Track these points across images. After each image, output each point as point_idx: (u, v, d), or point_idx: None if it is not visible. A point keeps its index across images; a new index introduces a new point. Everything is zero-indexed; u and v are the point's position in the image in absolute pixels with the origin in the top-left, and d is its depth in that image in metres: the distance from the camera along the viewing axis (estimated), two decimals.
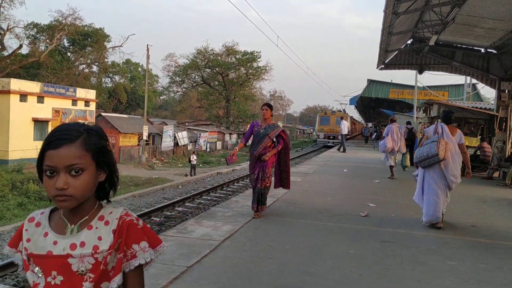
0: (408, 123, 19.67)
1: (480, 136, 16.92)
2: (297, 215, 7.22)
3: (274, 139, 6.93)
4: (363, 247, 5.52)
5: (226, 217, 6.93)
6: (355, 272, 4.54)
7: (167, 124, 43.61)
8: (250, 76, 61.26)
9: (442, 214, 6.75)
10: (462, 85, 32.75)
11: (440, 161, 6.53)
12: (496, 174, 15.18)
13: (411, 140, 17.47)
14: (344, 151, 24.06)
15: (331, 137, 37.13)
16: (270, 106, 7.11)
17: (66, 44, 49.70)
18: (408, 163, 14.17)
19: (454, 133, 6.83)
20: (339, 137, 25.52)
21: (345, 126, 23.70)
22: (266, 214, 7.05)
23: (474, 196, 10.39)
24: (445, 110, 7.91)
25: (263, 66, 61.28)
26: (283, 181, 7.40)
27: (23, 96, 26.74)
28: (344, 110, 48.38)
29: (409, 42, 17.15)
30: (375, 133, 33.39)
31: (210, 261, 4.76)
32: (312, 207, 8.01)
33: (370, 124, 57.73)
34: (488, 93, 46.07)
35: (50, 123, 28.69)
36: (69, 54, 50.07)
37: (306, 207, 8.00)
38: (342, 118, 25.27)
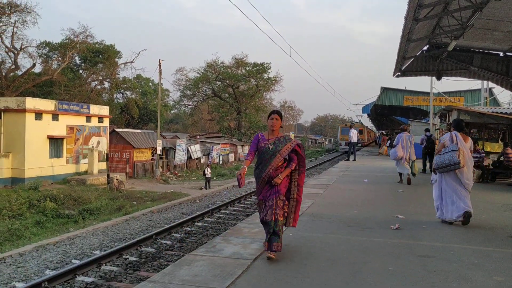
0: (427, 130, 19.32)
1: (503, 142, 16.54)
2: (326, 230, 6.98)
3: (287, 157, 5.47)
4: (402, 263, 5.27)
5: (253, 233, 6.73)
6: None
7: (179, 138, 43.68)
8: (261, 88, 61.30)
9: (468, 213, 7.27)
10: (478, 90, 32.32)
11: (460, 168, 7.13)
12: None
13: (430, 148, 17.15)
14: (354, 159, 23.80)
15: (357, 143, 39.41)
16: (280, 115, 5.58)
17: (78, 62, 50.28)
18: (416, 170, 14.31)
19: (466, 141, 7.35)
20: (349, 145, 25.29)
21: (354, 135, 23.41)
22: (293, 229, 6.80)
23: (503, 204, 10.07)
24: (456, 119, 8.14)
25: (273, 77, 61.35)
26: (288, 215, 5.56)
27: (38, 114, 26.93)
28: (360, 121, 56.44)
29: (425, 48, 16.93)
30: (389, 141, 34.03)
31: (244, 282, 4.56)
32: (340, 220, 7.77)
33: (383, 132, 57.36)
34: (502, 97, 45.45)
35: (65, 140, 28.83)
36: (81, 71, 50.59)
37: (334, 220, 7.76)
38: (351, 127, 25.07)
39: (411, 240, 6.40)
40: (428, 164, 17.17)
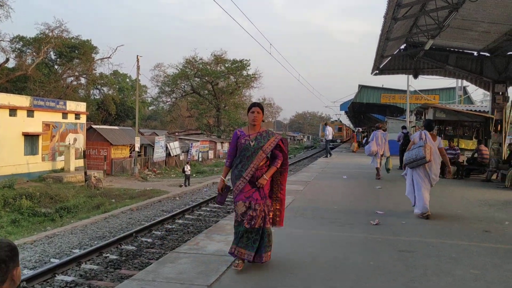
0: (403, 127, 19.71)
1: (476, 139, 16.97)
2: (308, 226, 7.07)
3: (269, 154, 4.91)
4: (383, 258, 5.39)
5: None
6: (381, 286, 4.41)
7: (157, 135, 43.32)
8: (240, 84, 61.24)
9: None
10: (453, 88, 33.03)
11: (427, 163, 7.75)
12: (494, 176, 15.23)
13: (406, 145, 17.46)
14: (329, 155, 24.71)
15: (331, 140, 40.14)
16: (261, 108, 4.99)
17: (53, 57, 49.23)
18: (391, 165, 15.12)
19: (435, 139, 8.05)
20: (324, 141, 26.50)
21: (329, 133, 24.31)
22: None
23: (478, 200, 10.35)
24: (427, 119, 9.46)
25: (252, 74, 61.35)
26: (274, 215, 5.07)
27: (13, 111, 26.33)
28: (340, 120, 59.64)
29: (402, 47, 17.22)
30: (365, 139, 35.97)
31: (228, 279, 4.59)
32: (321, 216, 7.88)
33: (360, 129, 58.18)
34: (476, 96, 46.53)
35: (40, 137, 28.29)
36: (56, 66, 49.57)
37: (315, 217, 7.86)
38: (326, 125, 26.18)
39: (391, 236, 6.53)
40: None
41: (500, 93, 16.44)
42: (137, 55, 34.62)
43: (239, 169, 4.81)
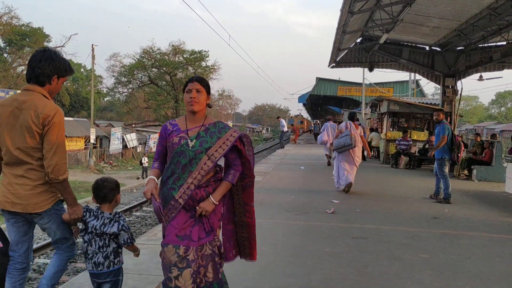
0: (357, 119, 20.43)
1: (428, 130, 17.63)
2: (266, 216, 7.17)
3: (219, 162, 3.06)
4: (338, 244, 5.57)
5: None
6: (336, 271, 4.56)
7: (113, 126, 42.37)
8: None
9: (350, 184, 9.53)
10: (406, 82, 34.09)
11: (352, 148, 9.38)
12: None
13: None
14: (283, 147, 25.35)
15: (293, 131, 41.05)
16: (204, 83, 3.07)
17: (2, 45, 47.09)
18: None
19: (357, 128, 9.69)
20: (280, 133, 27.44)
21: (284, 125, 25.73)
22: None
23: (429, 188, 10.78)
24: (350, 112, 11.36)
25: (211, 65, 60.94)
26: (242, 245, 3.32)
27: None
28: (301, 114, 69.59)
29: (358, 40, 17.60)
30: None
31: None
32: (280, 206, 8.01)
33: (318, 121, 59.19)
34: (427, 89, 48.27)
35: None
36: (5, 55, 47.45)
37: (273, 206, 7.98)
38: (278, 118, 27.57)
39: (346, 223, 6.74)
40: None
41: (450, 86, 17.11)
42: (92, 44, 33.74)
43: (169, 186, 2.99)
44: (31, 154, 3.09)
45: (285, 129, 26.17)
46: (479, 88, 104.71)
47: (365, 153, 10.77)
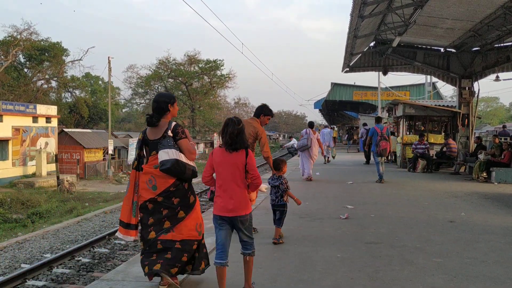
0: (365, 124, 22.83)
1: (445, 133, 17.37)
2: None
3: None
4: (350, 250, 5.52)
5: (207, 228, 6.78)
6: (347, 276, 4.52)
7: (131, 137, 42.76)
8: (214, 85, 61.12)
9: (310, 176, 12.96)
10: (423, 84, 33.73)
11: (308, 148, 12.67)
12: (462, 169, 15.66)
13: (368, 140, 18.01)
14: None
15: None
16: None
17: (22, 60, 48.10)
18: (335, 153, 21.58)
19: (314, 133, 13.20)
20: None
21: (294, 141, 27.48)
22: None
23: (445, 192, 10.64)
24: (309, 121, 14.48)
25: (226, 74, 61.29)
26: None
27: None
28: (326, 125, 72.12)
29: (371, 44, 17.50)
30: (347, 135, 41.30)
31: (197, 276, 4.62)
32: (293, 212, 7.94)
33: (334, 127, 58.75)
34: (445, 91, 47.64)
35: (10, 142, 27.65)
36: (25, 70, 48.45)
37: (287, 213, 7.93)
38: (290, 137, 30.22)
39: (359, 229, 6.68)
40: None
41: (466, 88, 16.88)
42: (108, 57, 34.23)
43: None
44: None
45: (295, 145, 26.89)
46: (499, 89, 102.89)
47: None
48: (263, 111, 6.47)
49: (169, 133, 4.13)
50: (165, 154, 4.00)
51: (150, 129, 4.24)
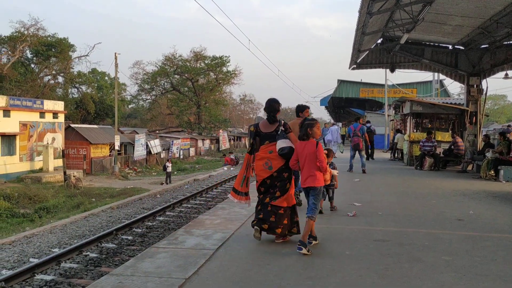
0: (368, 122, 23.34)
1: (452, 131, 17.30)
2: None
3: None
4: (358, 247, 5.51)
5: (215, 225, 6.82)
6: (355, 274, 4.52)
7: (138, 133, 42.93)
8: (220, 81, 61.13)
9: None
10: (430, 82, 33.55)
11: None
12: (469, 167, 15.59)
13: (369, 137, 18.89)
14: None
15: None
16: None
17: (29, 56, 48.33)
18: (342, 149, 22.79)
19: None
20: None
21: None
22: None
23: (453, 190, 10.60)
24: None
25: (232, 70, 61.31)
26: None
27: None
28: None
29: (379, 41, 17.43)
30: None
31: (207, 271, 4.65)
32: (300, 211, 7.96)
33: (340, 124, 58.60)
34: (453, 89, 47.41)
35: (17, 137, 27.81)
36: (32, 65, 48.68)
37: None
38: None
39: (367, 226, 6.67)
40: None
41: (475, 85, 16.79)
42: (115, 53, 34.30)
43: None
44: None
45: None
46: (507, 86, 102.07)
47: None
48: (299, 109, 7.91)
49: (281, 128, 5.62)
50: (283, 143, 5.51)
51: (264, 123, 5.72)
